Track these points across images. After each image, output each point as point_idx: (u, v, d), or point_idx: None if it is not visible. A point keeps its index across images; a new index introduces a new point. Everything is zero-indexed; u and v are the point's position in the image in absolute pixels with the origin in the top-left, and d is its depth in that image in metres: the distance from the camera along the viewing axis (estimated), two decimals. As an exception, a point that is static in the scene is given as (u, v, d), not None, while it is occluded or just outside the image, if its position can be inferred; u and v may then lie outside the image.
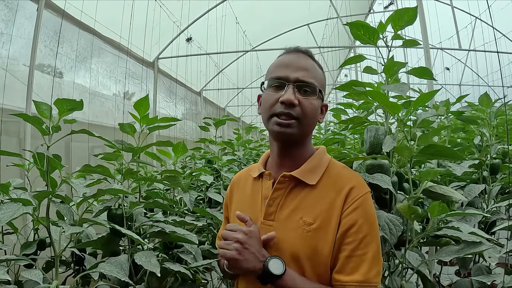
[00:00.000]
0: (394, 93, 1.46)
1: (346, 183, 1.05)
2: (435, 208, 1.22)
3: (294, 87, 1.04)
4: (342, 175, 1.09)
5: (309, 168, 1.09)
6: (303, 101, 1.04)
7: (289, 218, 1.06)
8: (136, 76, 6.05)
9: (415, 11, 1.38)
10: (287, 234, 1.04)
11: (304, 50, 1.12)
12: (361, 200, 1.02)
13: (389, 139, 1.33)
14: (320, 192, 1.06)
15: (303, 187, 1.08)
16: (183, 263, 1.82)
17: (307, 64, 1.08)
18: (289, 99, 1.02)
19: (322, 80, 1.11)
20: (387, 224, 1.24)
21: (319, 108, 1.10)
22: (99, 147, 4.40)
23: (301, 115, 1.04)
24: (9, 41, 3.35)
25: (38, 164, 1.26)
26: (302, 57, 1.10)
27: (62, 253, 1.38)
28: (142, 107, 1.73)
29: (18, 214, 1.12)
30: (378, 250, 1.01)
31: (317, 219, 1.02)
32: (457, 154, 1.29)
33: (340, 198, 1.03)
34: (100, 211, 1.57)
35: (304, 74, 1.06)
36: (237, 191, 1.26)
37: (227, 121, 2.91)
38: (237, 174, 1.35)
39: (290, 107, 1.03)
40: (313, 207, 1.04)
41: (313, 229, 1.02)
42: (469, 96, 2.71)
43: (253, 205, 1.15)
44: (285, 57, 1.11)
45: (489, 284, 1.53)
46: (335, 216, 1.02)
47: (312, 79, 1.06)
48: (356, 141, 2.80)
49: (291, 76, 1.05)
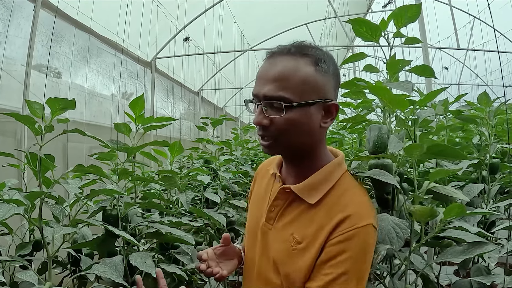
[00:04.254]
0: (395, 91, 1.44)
1: (344, 209, 0.95)
2: (454, 210, 1.18)
3: (262, 106, 0.94)
4: (345, 198, 0.99)
5: (312, 184, 1.00)
6: (275, 120, 0.93)
7: (283, 229, 1.03)
8: (134, 76, 6.03)
9: (419, 8, 1.35)
10: (277, 245, 1.03)
11: (281, 49, 0.97)
12: (353, 233, 0.92)
13: (394, 138, 1.31)
14: (317, 212, 0.99)
15: (302, 202, 1.01)
16: (179, 264, 1.81)
17: (280, 71, 0.93)
18: (257, 122, 0.95)
19: (307, 83, 0.93)
20: (394, 228, 1.21)
21: (306, 116, 0.94)
22: (96, 148, 4.36)
23: (276, 133, 0.95)
24: (7, 41, 3.33)
25: (31, 164, 1.24)
26: (277, 62, 0.95)
27: (55, 254, 1.36)
28: (138, 107, 1.72)
29: (9, 215, 1.10)
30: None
31: (305, 239, 0.97)
32: (460, 153, 1.27)
33: (331, 224, 0.94)
34: (95, 212, 1.55)
35: (272, 87, 0.92)
36: (258, 182, 1.24)
37: (225, 121, 2.89)
38: (262, 163, 1.30)
39: (263, 129, 0.96)
40: (306, 226, 0.98)
41: (299, 248, 0.97)
42: (467, 96, 2.70)
43: (262, 203, 1.13)
44: (261, 66, 0.98)
45: (488, 284, 1.51)
46: (320, 239, 0.94)
47: (283, 90, 0.91)
48: (354, 140, 2.79)
49: (260, 92, 0.94)
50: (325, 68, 0.96)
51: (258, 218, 1.12)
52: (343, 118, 1.79)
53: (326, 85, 0.96)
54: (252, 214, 1.19)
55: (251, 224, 1.17)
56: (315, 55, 0.96)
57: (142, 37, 5.24)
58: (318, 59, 0.96)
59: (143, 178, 1.86)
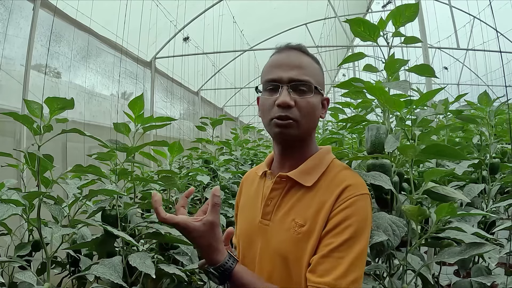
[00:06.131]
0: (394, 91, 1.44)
1: (342, 182, 1.01)
2: (444, 209, 1.19)
3: (288, 87, 1.00)
4: (340, 175, 1.05)
5: (307, 169, 1.06)
6: (299, 101, 1.00)
7: (283, 219, 1.04)
8: (133, 76, 6.02)
9: (417, 7, 1.35)
10: (280, 236, 1.03)
11: (295, 46, 1.07)
12: (354, 200, 0.97)
13: (391, 138, 1.31)
14: (316, 193, 1.02)
15: (300, 188, 1.05)
16: (179, 264, 1.80)
17: (300, 61, 1.04)
18: (285, 101, 0.99)
19: (318, 75, 1.07)
20: (390, 226, 1.21)
21: (319, 104, 1.06)
22: (96, 148, 4.36)
23: (299, 116, 1.01)
24: (6, 41, 3.33)
25: (30, 164, 1.24)
26: (294, 54, 1.05)
27: (54, 254, 1.36)
28: (137, 106, 1.71)
29: (7, 215, 1.10)
30: (360, 256, 0.94)
31: (308, 221, 0.99)
32: (459, 153, 1.26)
33: (332, 197, 0.99)
34: (94, 212, 1.54)
35: (298, 72, 1.02)
36: (245, 189, 1.25)
37: (224, 121, 2.89)
38: (247, 172, 1.33)
39: (286, 110, 1.00)
40: (306, 209, 1.01)
41: (303, 231, 0.99)
42: (467, 96, 2.70)
43: (255, 203, 1.14)
44: (277, 56, 1.07)
45: (489, 285, 1.51)
46: (323, 216, 0.97)
47: (307, 76, 1.02)
48: (354, 140, 2.78)
49: (284, 76, 1.01)
50: (322, 69, 1.11)
51: (251, 220, 1.12)
52: (342, 118, 1.79)
53: (324, 82, 1.10)
54: (243, 219, 1.19)
55: (243, 228, 1.16)
56: (314, 57, 1.10)
57: (142, 37, 5.23)
58: (317, 60, 1.10)
59: (142, 178, 1.85)
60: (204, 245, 0.91)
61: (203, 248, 0.92)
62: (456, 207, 1.20)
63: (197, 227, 0.90)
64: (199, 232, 0.90)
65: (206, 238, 0.90)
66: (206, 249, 0.91)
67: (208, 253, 0.92)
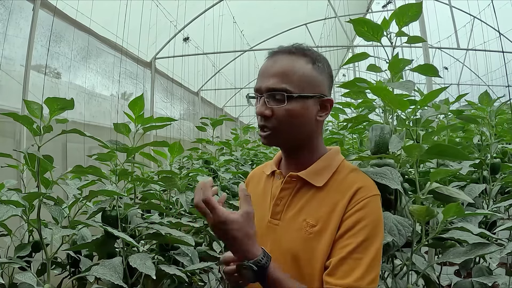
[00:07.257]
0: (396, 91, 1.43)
1: (353, 184, 1.02)
2: (451, 210, 1.19)
3: (265, 97, 1.01)
4: (351, 177, 1.06)
5: (317, 170, 1.07)
6: (276, 110, 1.00)
7: (294, 218, 1.05)
8: (133, 76, 6.02)
9: (420, 7, 1.35)
10: (291, 235, 1.03)
11: (286, 48, 1.05)
12: (366, 202, 0.98)
13: (395, 138, 1.31)
14: (327, 194, 1.03)
15: (310, 188, 1.06)
16: (179, 265, 1.80)
17: (282, 68, 1.01)
18: (259, 112, 1.01)
19: (306, 78, 1.02)
20: (396, 226, 1.21)
21: (305, 109, 1.02)
22: (96, 148, 4.34)
23: (276, 124, 1.01)
24: (6, 41, 3.32)
25: (29, 165, 1.23)
26: (278, 59, 1.03)
27: (54, 255, 1.35)
28: (137, 107, 1.71)
29: (7, 216, 1.09)
30: (376, 256, 0.96)
31: (320, 221, 1.00)
32: (462, 153, 1.26)
33: (345, 199, 0.99)
34: (94, 213, 1.54)
35: (275, 80, 1.00)
36: (252, 188, 1.24)
37: (225, 121, 2.89)
38: (252, 171, 1.33)
39: (264, 120, 1.02)
40: (317, 209, 1.02)
41: (315, 231, 1.00)
42: (467, 96, 2.70)
43: (263, 203, 1.14)
44: (264, 63, 1.07)
45: (490, 285, 1.50)
46: (336, 217, 0.98)
47: (285, 83, 0.99)
48: (354, 140, 2.78)
49: (262, 86, 1.02)
50: (321, 67, 1.06)
51: (259, 219, 1.10)
52: (344, 118, 1.78)
53: (322, 82, 1.06)
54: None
55: None
56: (312, 55, 1.06)
57: (142, 37, 5.22)
58: (315, 59, 1.05)
59: (142, 179, 1.85)
60: (243, 238, 0.89)
61: (242, 241, 0.89)
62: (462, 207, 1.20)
63: (235, 219, 0.88)
64: (238, 224, 0.88)
65: (245, 230, 0.89)
66: (245, 242, 0.89)
67: (246, 246, 0.90)
